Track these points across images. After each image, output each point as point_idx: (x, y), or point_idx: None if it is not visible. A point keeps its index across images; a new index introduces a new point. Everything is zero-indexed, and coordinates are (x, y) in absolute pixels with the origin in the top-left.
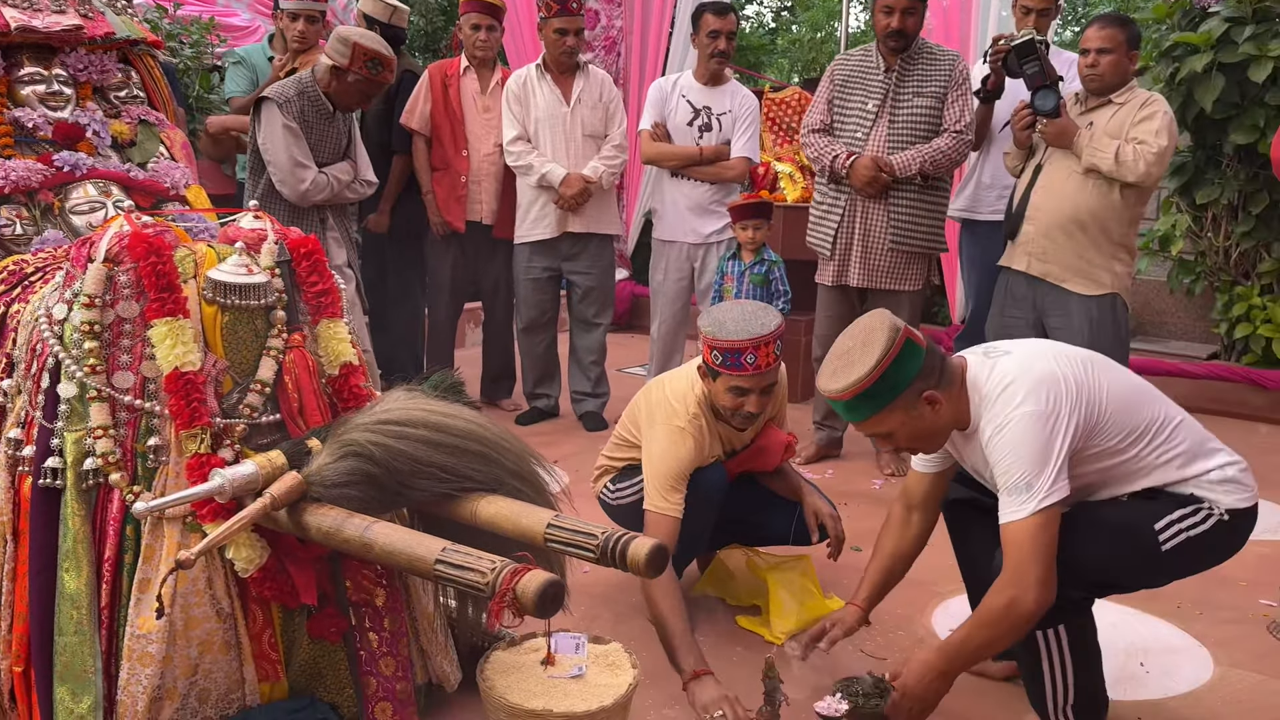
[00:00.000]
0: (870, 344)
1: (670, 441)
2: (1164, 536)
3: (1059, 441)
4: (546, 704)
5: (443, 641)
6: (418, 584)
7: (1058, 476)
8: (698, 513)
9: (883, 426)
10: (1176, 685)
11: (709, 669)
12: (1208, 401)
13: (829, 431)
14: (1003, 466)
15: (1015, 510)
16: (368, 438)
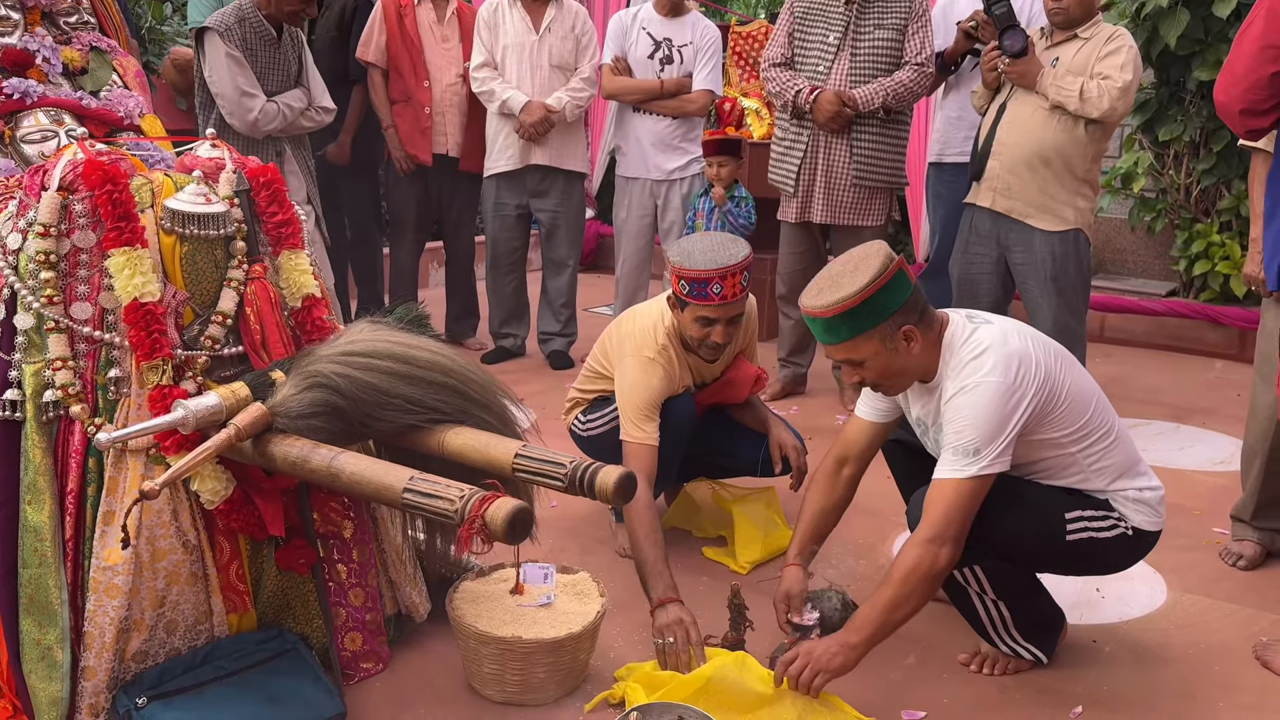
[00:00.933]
0: (862, 268)
1: (641, 372)
2: (1071, 527)
3: (1015, 417)
4: (515, 631)
5: (411, 573)
6: (386, 516)
7: (1004, 450)
8: (667, 442)
9: (856, 353)
10: (1131, 610)
11: (677, 596)
12: (1166, 338)
13: (794, 369)
14: (956, 426)
15: (956, 469)
16: (333, 369)
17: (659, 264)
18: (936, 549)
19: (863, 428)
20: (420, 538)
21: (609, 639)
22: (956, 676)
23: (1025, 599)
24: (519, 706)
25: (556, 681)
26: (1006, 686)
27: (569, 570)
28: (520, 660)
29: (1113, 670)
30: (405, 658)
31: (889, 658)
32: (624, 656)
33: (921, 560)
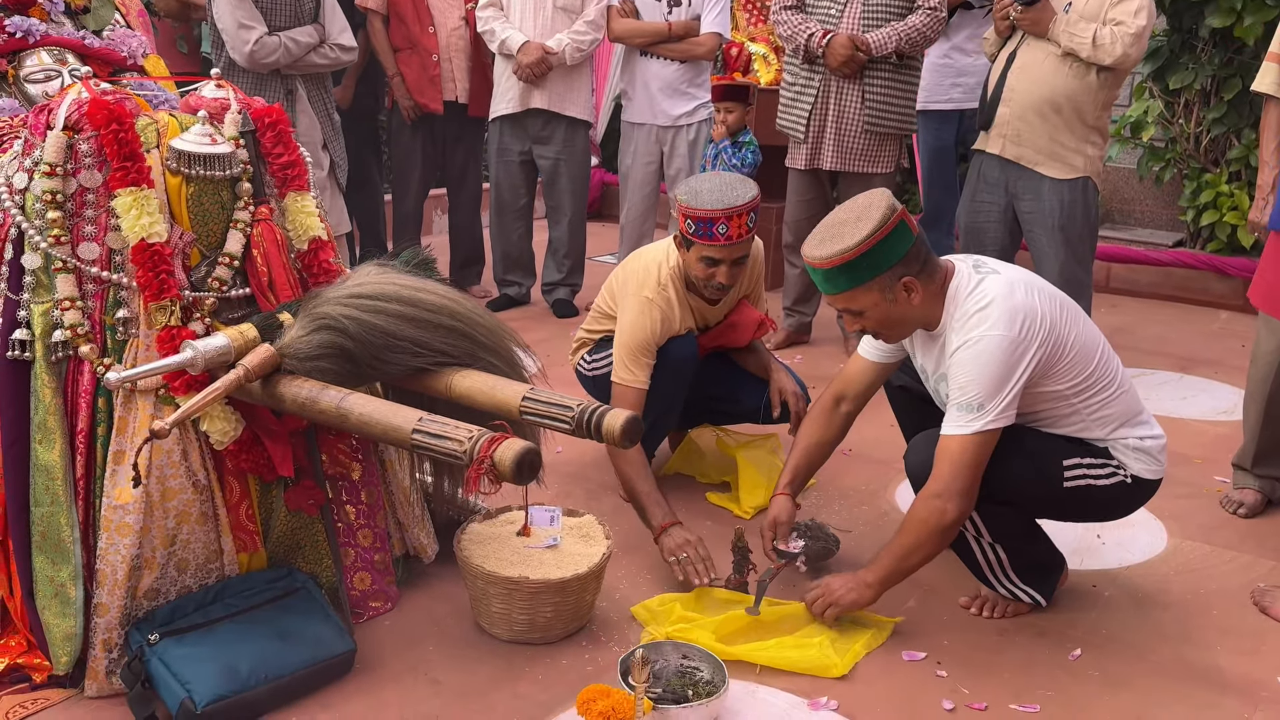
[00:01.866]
0: (864, 218)
1: (637, 313)
2: (1069, 474)
3: (1019, 371)
4: (523, 572)
5: (419, 514)
6: (394, 459)
7: (1009, 404)
8: (668, 384)
9: (855, 303)
10: (1131, 555)
11: (677, 520)
12: (1172, 289)
13: (798, 318)
14: (960, 382)
15: (961, 425)
16: (340, 311)
17: (664, 212)
18: (944, 504)
19: (863, 367)
20: (428, 480)
21: (614, 580)
22: (956, 619)
23: (1022, 542)
24: (525, 645)
25: (563, 621)
26: (1005, 629)
27: (575, 513)
28: (527, 600)
29: (1112, 614)
30: (413, 598)
31: (889, 601)
32: (629, 598)
33: (930, 515)
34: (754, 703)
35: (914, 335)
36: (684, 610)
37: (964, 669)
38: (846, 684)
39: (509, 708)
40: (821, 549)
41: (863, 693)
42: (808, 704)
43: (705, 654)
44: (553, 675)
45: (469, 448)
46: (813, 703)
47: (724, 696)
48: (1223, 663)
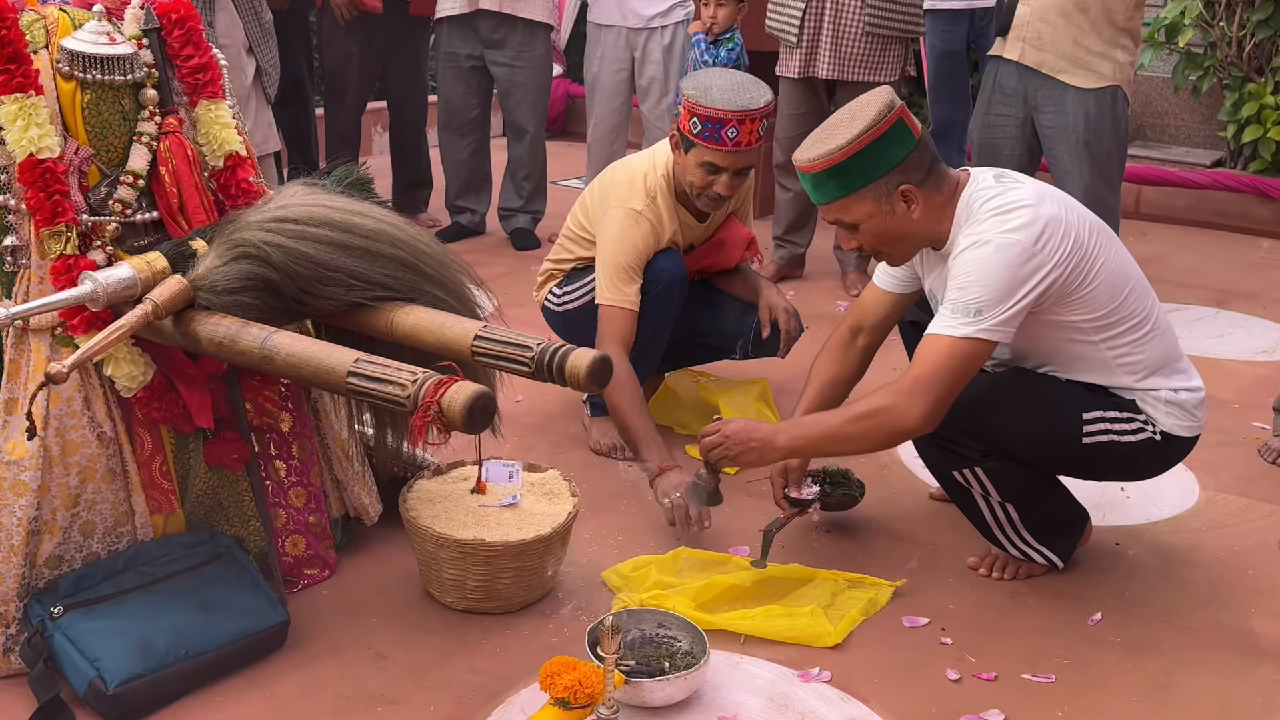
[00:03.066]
0: (858, 117)
1: (625, 226)
2: (1089, 429)
3: (1030, 285)
4: (478, 534)
5: (360, 470)
6: (329, 408)
7: (1011, 318)
8: (655, 308)
9: (848, 214)
10: (1159, 510)
11: (676, 464)
12: (1209, 214)
13: (790, 249)
14: (962, 281)
15: (951, 326)
16: (263, 238)
17: (637, 129)
18: (908, 405)
19: (880, 297)
20: (369, 432)
21: (581, 544)
22: (963, 581)
23: (1035, 499)
24: (481, 615)
25: (523, 588)
26: (1018, 591)
27: (537, 468)
28: (483, 565)
29: (1136, 574)
30: (354, 564)
31: (888, 562)
32: (599, 562)
33: (890, 410)
34: (738, 675)
35: (922, 254)
36: (660, 574)
37: (971, 635)
38: (840, 653)
39: (463, 684)
40: (843, 497)
41: (858, 662)
42: (798, 675)
43: (684, 622)
44: (512, 648)
45: (413, 392)
46: (803, 674)
47: (704, 668)
48: (1257, 627)
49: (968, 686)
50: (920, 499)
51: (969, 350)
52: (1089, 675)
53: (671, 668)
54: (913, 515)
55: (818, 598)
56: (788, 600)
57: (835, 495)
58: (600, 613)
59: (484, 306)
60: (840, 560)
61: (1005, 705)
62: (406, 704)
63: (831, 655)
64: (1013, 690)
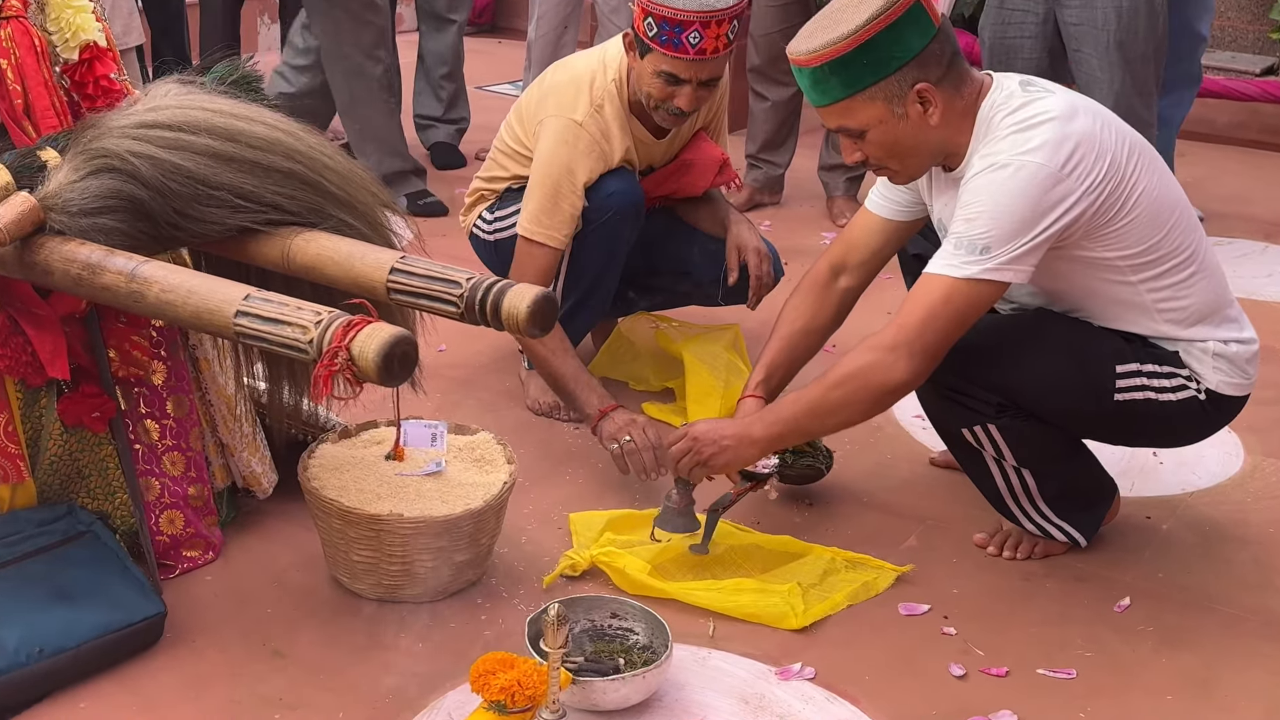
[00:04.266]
0: (867, 2)
1: (559, 141)
2: (1123, 383)
3: (1053, 217)
4: (394, 507)
5: (250, 433)
6: (212, 357)
7: (1026, 256)
8: (603, 243)
9: (853, 119)
10: (1197, 478)
11: (616, 404)
12: (1258, 130)
13: (767, 169)
14: (970, 211)
15: (951, 264)
16: (129, 147)
17: (588, 24)
18: (894, 359)
19: (872, 225)
20: (261, 386)
21: (520, 519)
22: (969, 561)
23: (1056, 465)
24: (400, 604)
25: (450, 573)
26: (1033, 574)
27: (466, 430)
28: (401, 545)
29: (1171, 553)
30: (244, 544)
31: (882, 539)
32: (541, 543)
33: (872, 368)
34: (705, 672)
35: (931, 175)
36: (614, 533)
37: (979, 625)
38: (826, 647)
39: (378, 686)
40: (805, 469)
41: (847, 656)
42: (776, 673)
43: (642, 611)
44: (437, 643)
45: (317, 335)
46: (782, 671)
47: (665, 666)
48: None
49: (974, 684)
50: (919, 465)
51: (970, 294)
52: (1116, 671)
53: (627, 665)
54: (911, 484)
55: (804, 575)
56: (769, 575)
57: (796, 467)
58: (542, 601)
59: (401, 234)
60: (823, 539)
61: (1018, 705)
62: (309, 710)
63: (816, 649)
64: (1027, 688)
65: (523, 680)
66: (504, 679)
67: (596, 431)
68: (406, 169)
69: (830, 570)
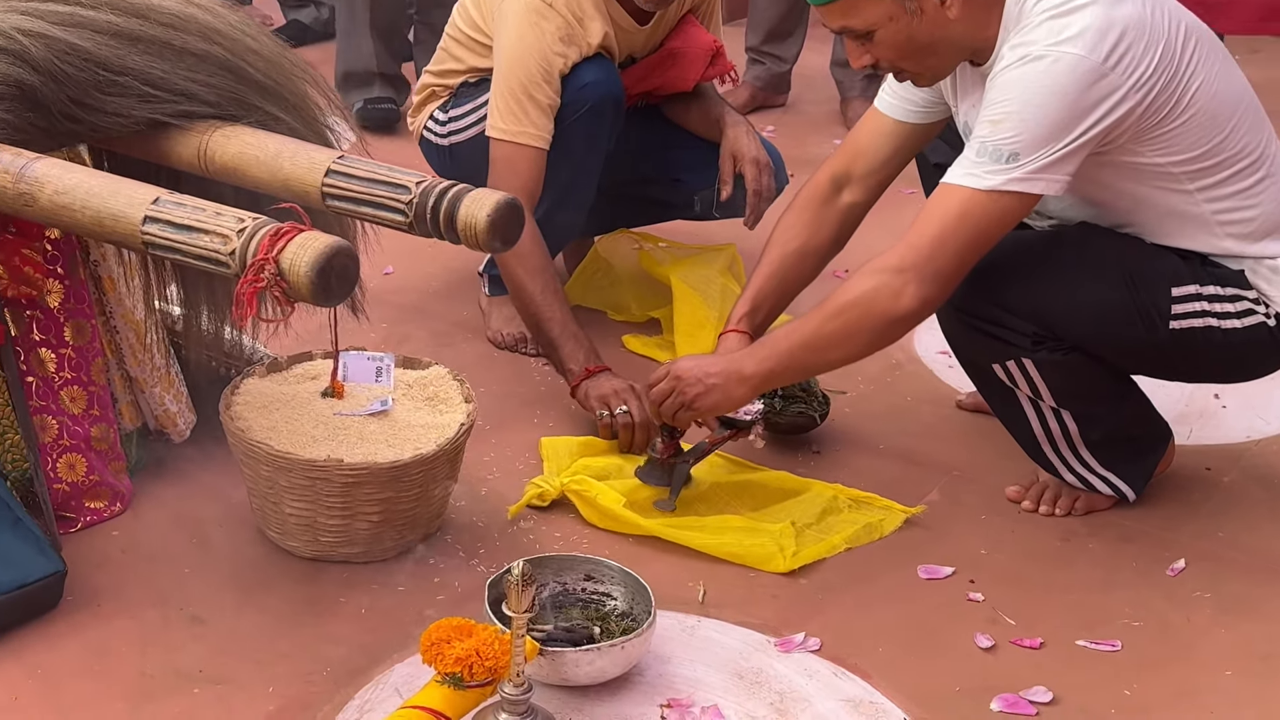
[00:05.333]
0: None
1: (526, 26)
2: (1180, 308)
3: (1093, 118)
4: (333, 452)
5: (163, 365)
6: (117, 275)
7: (1060, 164)
8: (577, 141)
9: (858, 17)
10: (1265, 423)
11: (605, 365)
12: None
13: (771, 65)
14: (996, 111)
15: (972, 174)
16: (15, 24)
17: None
18: (901, 283)
19: (882, 129)
20: (175, 310)
21: (478, 467)
22: (1000, 518)
23: (1102, 406)
24: (340, 564)
25: (397, 528)
26: (1074, 532)
27: (417, 363)
28: (340, 496)
29: (1233, 510)
30: (157, 494)
31: (901, 492)
32: (504, 493)
33: (876, 292)
34: (694, 643)
35: (957, 72)
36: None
37: (1010, 590)
38: (836, 614)
39: (314, 657)
40: (797, 416)
41: (858, 626)
42: (775, 644)
43: (622, 573)
44: (383, 608)
45: (239, 246)
46: (783, 642)
47: (647, 635)
48: None
49: (1004, 657)
50: (944, 408)
51: (993, 208)
52: (1168, 643)
53: (603, 634)
54: (934, 430)
55: (800, 514)
56: (760, 514)
57: (787, 413)
58: (505, 560)
59: (339, 133)
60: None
61: (1054, 681)
62: (233, 685)
63: (822, 618)
64: (1064, 661)
65: (482, 650)
66: (460, 649)
67: (578, 392)
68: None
69: (830, 509)
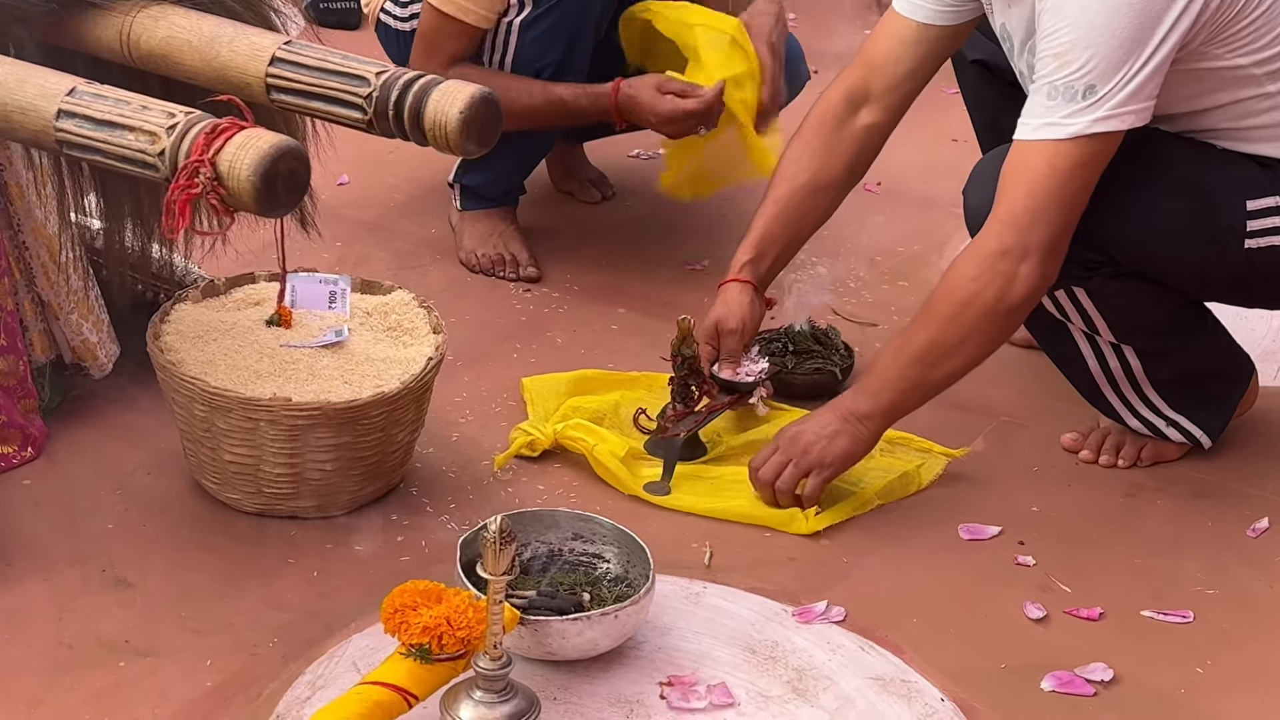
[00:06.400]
0: None
1: None
2: (1256, 224)
3: (1166, 24)
4: (280, 389)
5: (80, 288)
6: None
7: (1142, 87)
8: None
9: None
10: None
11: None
12: None
13: None
14: (1057, 43)
15: (1051, 123)
16: None
17: None
18: (1012, 264)
19: (903, 35)
20: (94, 224)
21: (449, 409)
22: (1054, 470)
23: (1169, 340)
24: (288, 520)
25: (355, 479)
26: (1139, 486)
27: (377, 288)
28: (288, 441)
29: None
30: (76, 438)
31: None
32: (478, 439)
33: (985, 285)
34: (699, 613)
35: None
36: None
37: (1065, 553)
38: (863, 580)
39: (259, 627)
40: (814, 373)
41: (889, 593)
42: (794, 614)
43: (616, 531)
44: (338, 570)
45: (169, 145)
46: (802, 611)
47: (644, 603)
48: None
49: (1057, 629)
50: None
51: (1083, 154)
52: (1247, 611)
53: (594, 601)
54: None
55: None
56: None
57: (801, 372)
58: (481, 515)
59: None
60: None
61: (1115, 656)
62: (165, 658)
63: (848, 583)
64: (1127, 634)
65: (453, 618)
66: (428, 616)
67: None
68: None
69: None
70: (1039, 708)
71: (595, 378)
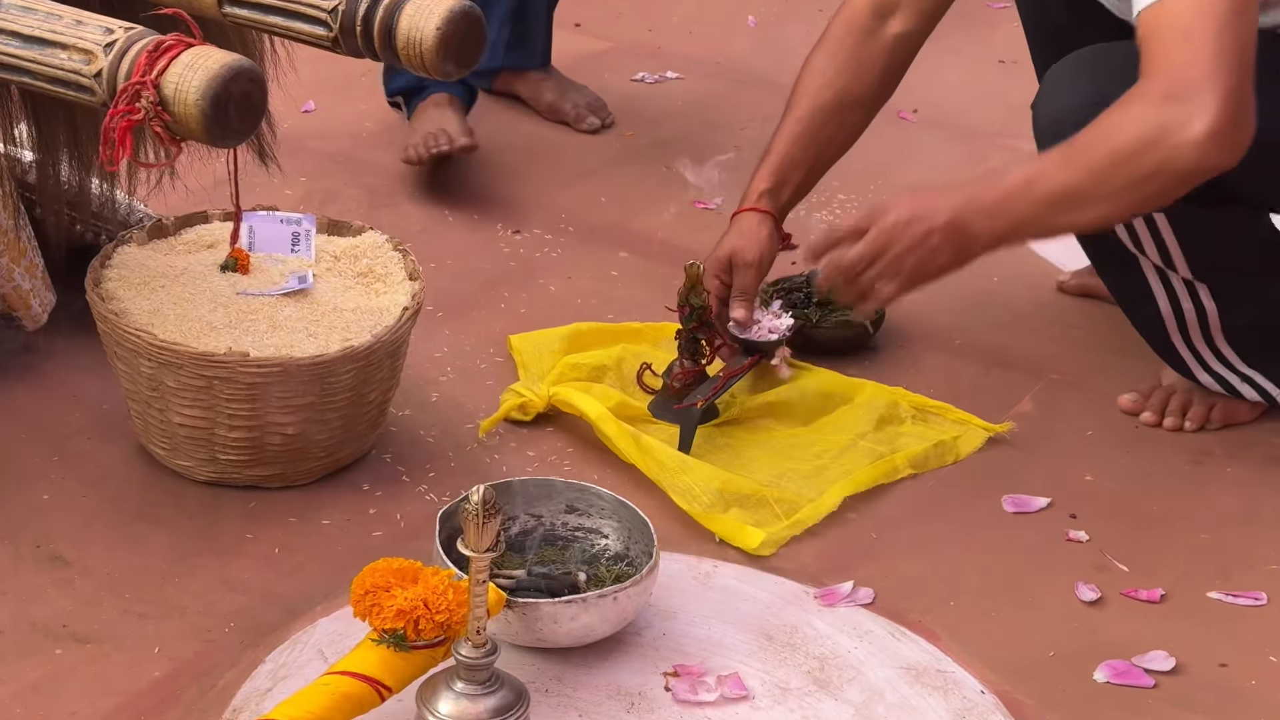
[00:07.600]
0: None
1: None
2: None
3: None
4: (236, 342)
5: (10, 228)
6: None
7: None
8: None
9: None
10: None
11: None
12: None
13: None
14: None
15: None
16: None
17: None
18: (1182, 108)
19: None
20: (26, 156)
21: (428, 365)
22: (1111, 434)
23: (1251, 281)
24: (246, 490)
25: (321, 444)
26: (1208, 453)
27: (345, 229)
28: (246, 402)
29: None
30: (5, 396)
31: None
32: (461, 400)
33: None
34: (709, 595)
35: None
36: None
37: (1123, 528)
38: (894, 557)
39: (213, 610)
40: (839, 327)
41: (923, 573)
42: (816, 595)
43: (615, 503)
44: (302, 547)
45: (108, 65)
46: (826, 593)
47: (647, 584)
48: None
49: (1114, 612)
50: (1042, 291)
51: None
52: None
53: (590, 581)
54: (1028, 320)
55: (849, 426)
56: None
57: (826, 324)
58: (463, 486)
59: None
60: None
61: (1177, 643)
62: (108, 643)
63: (876, 562)
64: (1192, 618)
65: (431, 600)
66: (404, 599)
67: None
68: None
69: (889, 417)
70: (1092, 701)
71: (592, 331)
